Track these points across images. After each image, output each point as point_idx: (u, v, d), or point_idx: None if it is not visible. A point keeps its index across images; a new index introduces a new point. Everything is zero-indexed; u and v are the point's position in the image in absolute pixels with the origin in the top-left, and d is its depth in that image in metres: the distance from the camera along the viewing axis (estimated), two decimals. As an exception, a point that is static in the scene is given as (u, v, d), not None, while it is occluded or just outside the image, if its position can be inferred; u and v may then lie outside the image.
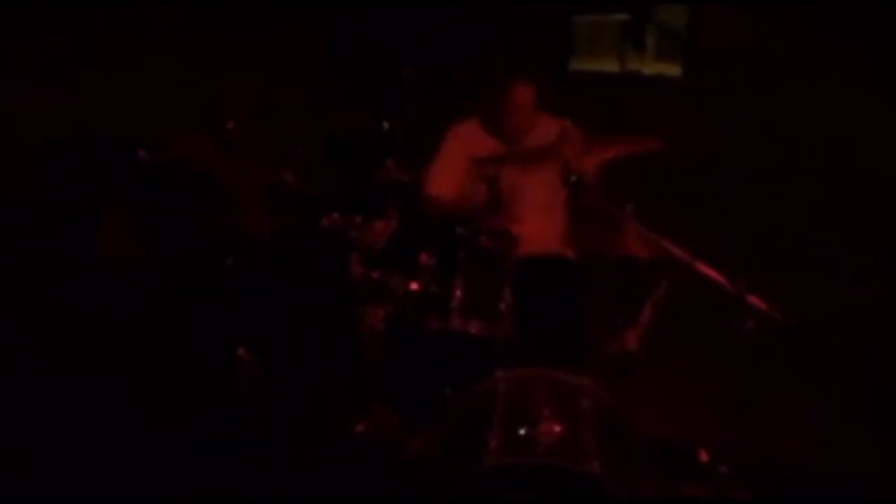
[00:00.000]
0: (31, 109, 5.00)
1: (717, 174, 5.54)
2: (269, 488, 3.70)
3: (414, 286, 3.71)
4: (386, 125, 4.20)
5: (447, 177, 4.44)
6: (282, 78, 5.80)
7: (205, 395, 4.21)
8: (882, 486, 4.07)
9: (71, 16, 5.12)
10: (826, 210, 5.39)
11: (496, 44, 5.98)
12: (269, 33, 5.90)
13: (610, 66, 6.01)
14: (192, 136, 4.65)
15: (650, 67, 5.91)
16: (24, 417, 3.95)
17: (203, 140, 4.58)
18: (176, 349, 4.52)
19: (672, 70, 5.84)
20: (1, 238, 4.89)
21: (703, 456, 3.54)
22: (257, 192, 4.57)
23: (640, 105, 5.61)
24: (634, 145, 3.84)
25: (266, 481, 3.72)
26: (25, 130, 5.00)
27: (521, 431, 3.20)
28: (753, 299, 3.26)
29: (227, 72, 5.53)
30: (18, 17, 4.98)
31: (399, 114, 4.24)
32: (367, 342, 3.75)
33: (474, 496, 3.13)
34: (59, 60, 5.13)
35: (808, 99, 5.45)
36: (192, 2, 5.60)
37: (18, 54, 5.01)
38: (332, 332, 4.16)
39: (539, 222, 4.28)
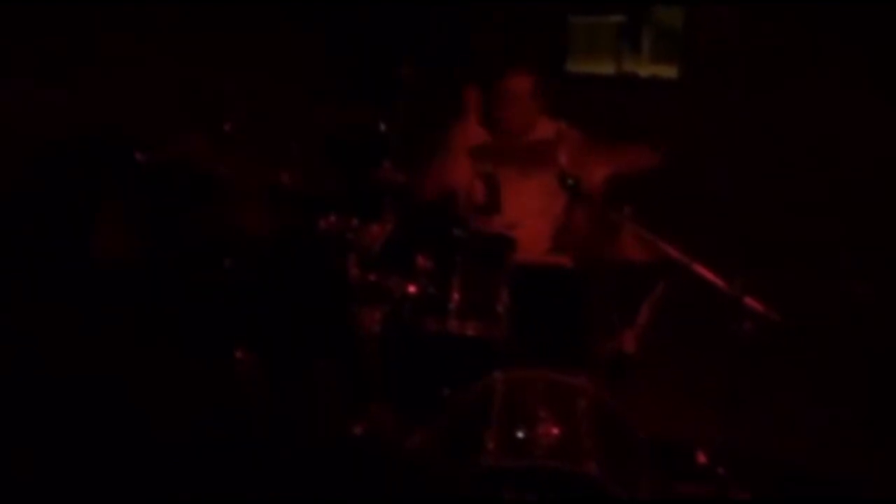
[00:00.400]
0: (31, 109, 4.99)
1: (715, 175, 5.53)
2: (269, 488, 3.70)
3: (411, 288, 3.71)
4: (383, 127, 4.20)
5: (451, 172, 4.45)
6: (282, 78, 5.80)
7: (204, 395, 4.21)
8: (882, 486, 4.07)
9: (71, 16, 5.11)
10: (825, 210, 5.38)
11: (496, 44, 5.98)
12: (269, 33, 5.91)
13: (606, 67, 6.00)
14: (190, 136, 4.65)
15: (647, 69, 5.91)
16: (24, 417, 3.95)
17: (201, 140, 4.59)
18: (175, 349, 4.52)
19: (669, 72, 5.83)
20: (0, 238, 4.89)
21: (702, 458, 3.53)
22: (256, 192, 4.57)
23: (636, 106, 5.61)
24: (632, 161, 3.83)
25: (265, 481, 3.72)
26: (25, 130, 4.99)
27: (520, 434, 3.20)
28: (751, 300, 3.26)
29: (227, 72, 5.53)
30: (18, 17, 4.98)
31: (396, 114, 4.24)
32: (365, 344, 3.76)
33: (473, 497, 3.13)
34: (59, 60, 5.12)
35: (807, 99, 5.44)
36: (192, 2, 5.60)
37: (18, 54, 5.01)
38: (329, 334, 4.16)
39: (537, 227, 4.27)
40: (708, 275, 3.30)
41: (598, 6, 5.95)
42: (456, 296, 3.68)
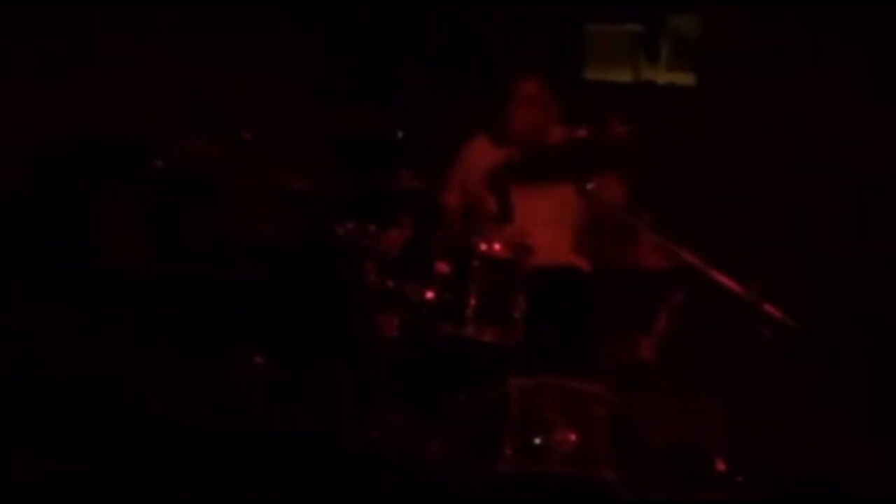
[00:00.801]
0: (31, 109, 4.98)
1: (734, 181, 5.51)
2: (270, 489, 3.70)
3: (429, 294, 3.71)
4: (400, 134, 4.20)
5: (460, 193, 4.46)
6: (282, 78, 5.79)
7: (205, 395, 4.21)
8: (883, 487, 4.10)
9: (71, 16, 5.11)
10: (838, 213, 5.35)
11: (508, 48, 5.97)
12: (269, 33, 5.89)
13: (624, 75, 6.01)
14: (197, 140, 4.65)
15: (664, 77, 5.91)
16: (24, 417, 3.94)
17: (208, 144, 4.59)
18: (178, 352, 4.52)
19: (686, 79, 5.83)
20: (0, 238, 4.87)
21: (721, 465, 3.54)
22: (263, 197, 4.58)
23: (654, 114, 5.58)
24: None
25: (267, 482, 3.72)
26: (25, 130, 4.98)
27: (537, 440, 3.22)
28: (769, 307, 3.27)
29: (227, 72, 5.52)
30: (18, 17, 4.96)
31: (402, 115, 4.24)
32: (382, 349, 3.76)
33: (489, 502, 3.15)
34: (59, 60, 5.11)
35: (827, 102, 5.39)
36: (192, 2, 5.59)
37: (18, 54, 4.99)
38: (346, 340, 4.16)
39: (550, 234, 4.23)
40: (726, 281, 3.31)
41: (615, 15, 5.95)
42: (473, 302, 3.67)
